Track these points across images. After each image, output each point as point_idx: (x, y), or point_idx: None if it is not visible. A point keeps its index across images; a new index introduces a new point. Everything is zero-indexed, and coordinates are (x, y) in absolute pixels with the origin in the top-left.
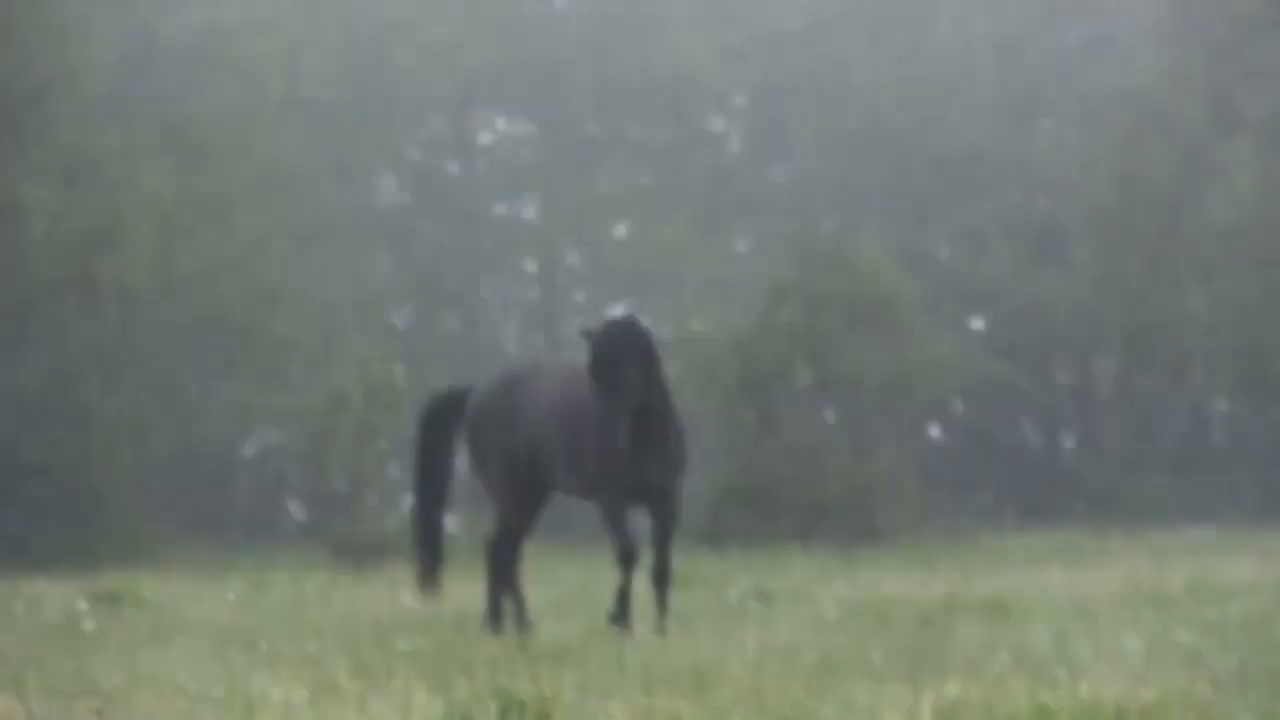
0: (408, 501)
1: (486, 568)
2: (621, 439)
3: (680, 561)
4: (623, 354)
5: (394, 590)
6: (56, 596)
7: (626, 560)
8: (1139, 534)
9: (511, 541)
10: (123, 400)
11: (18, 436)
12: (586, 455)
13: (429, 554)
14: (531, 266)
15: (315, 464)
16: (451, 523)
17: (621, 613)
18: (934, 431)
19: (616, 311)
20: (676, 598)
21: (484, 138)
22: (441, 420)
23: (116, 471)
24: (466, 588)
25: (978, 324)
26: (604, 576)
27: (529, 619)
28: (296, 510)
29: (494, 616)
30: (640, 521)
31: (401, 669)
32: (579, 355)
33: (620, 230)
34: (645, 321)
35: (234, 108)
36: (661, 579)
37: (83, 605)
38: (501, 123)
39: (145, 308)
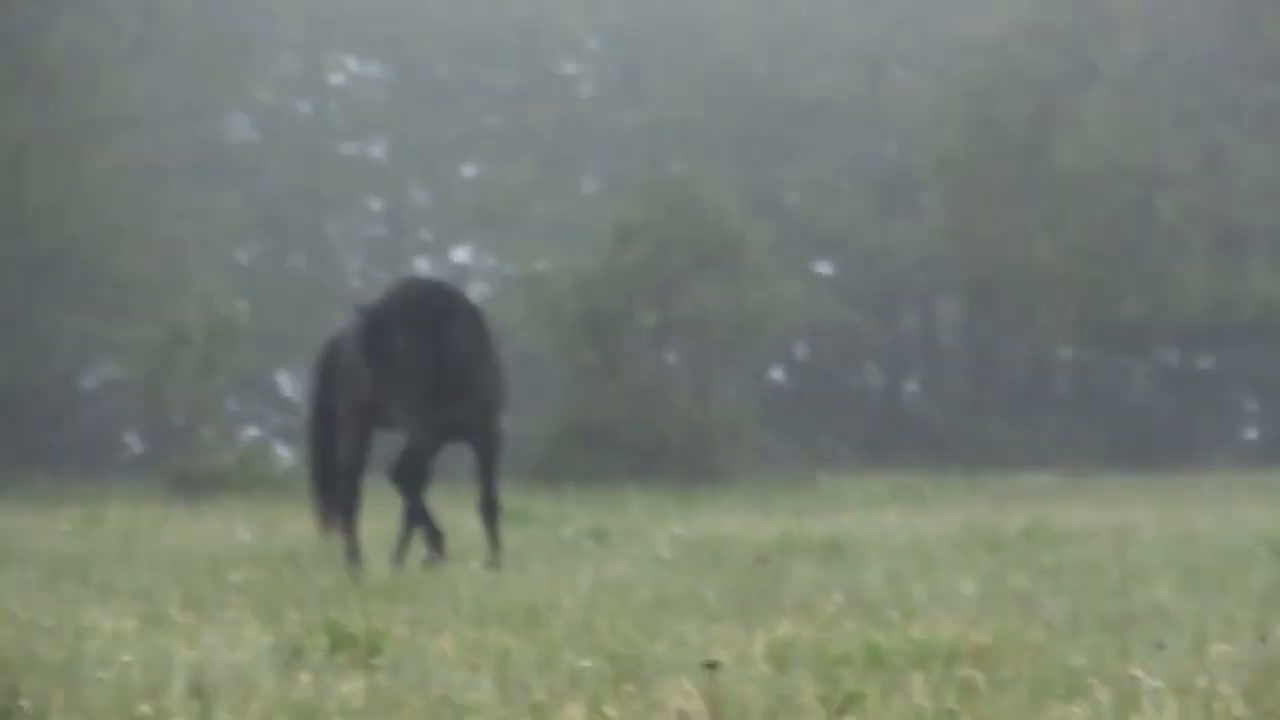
0: (245, 436)
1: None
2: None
3: (516, 499)
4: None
5: (228, 523)
6: None
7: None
8: (979, 478)
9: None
10: None
11: None
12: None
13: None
14: (378, 205)
15: (154, 397)
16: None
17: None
18: (777, 375)
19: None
20: (512, 535)
21: (335, 78)
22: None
23: None
24: (298, 523)
25: (825, 269)
26: (441, 513)
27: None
28: (134, 442)
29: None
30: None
31: (233, 601)
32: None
33: (468, 171)
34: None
35: (86, 46)
36: (489, 512)
37: None
38: (353, 63)
39: None
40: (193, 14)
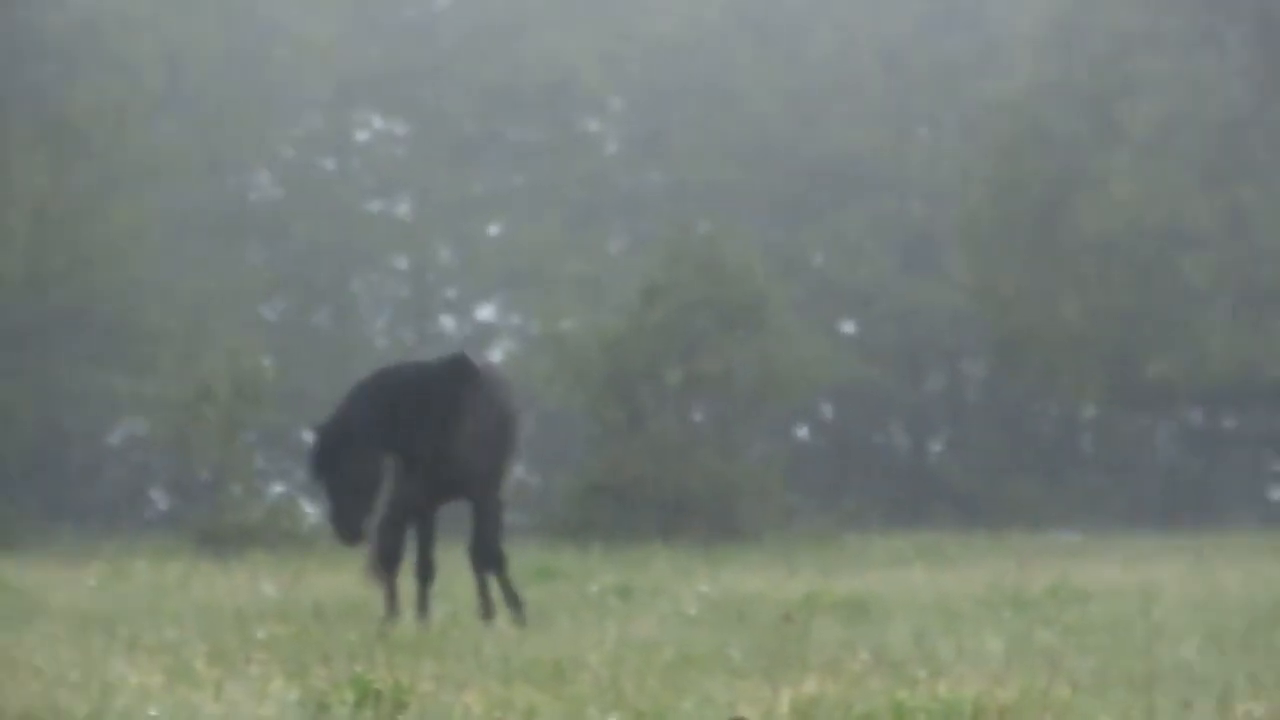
0: (272, 492)
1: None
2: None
3: (542, 555)
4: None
5: (255, 578)
6: None
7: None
8: (1004, 536)
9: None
10: None
11: None
12: None
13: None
14: (403, 263)
15: (180, 453)
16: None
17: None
18: (802, 433)
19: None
20: (537, 590)
21: (360, 135)
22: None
23: None
24: (325, 578)
25: (849, 328)
26: (461, 569)
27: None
28: (160, 498)
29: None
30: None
31: (259, 656)
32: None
33: (494, 229)
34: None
35: (110, 101)
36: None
37: None
38: (378, 121)
39: (16, 296)
40: (216, 69)
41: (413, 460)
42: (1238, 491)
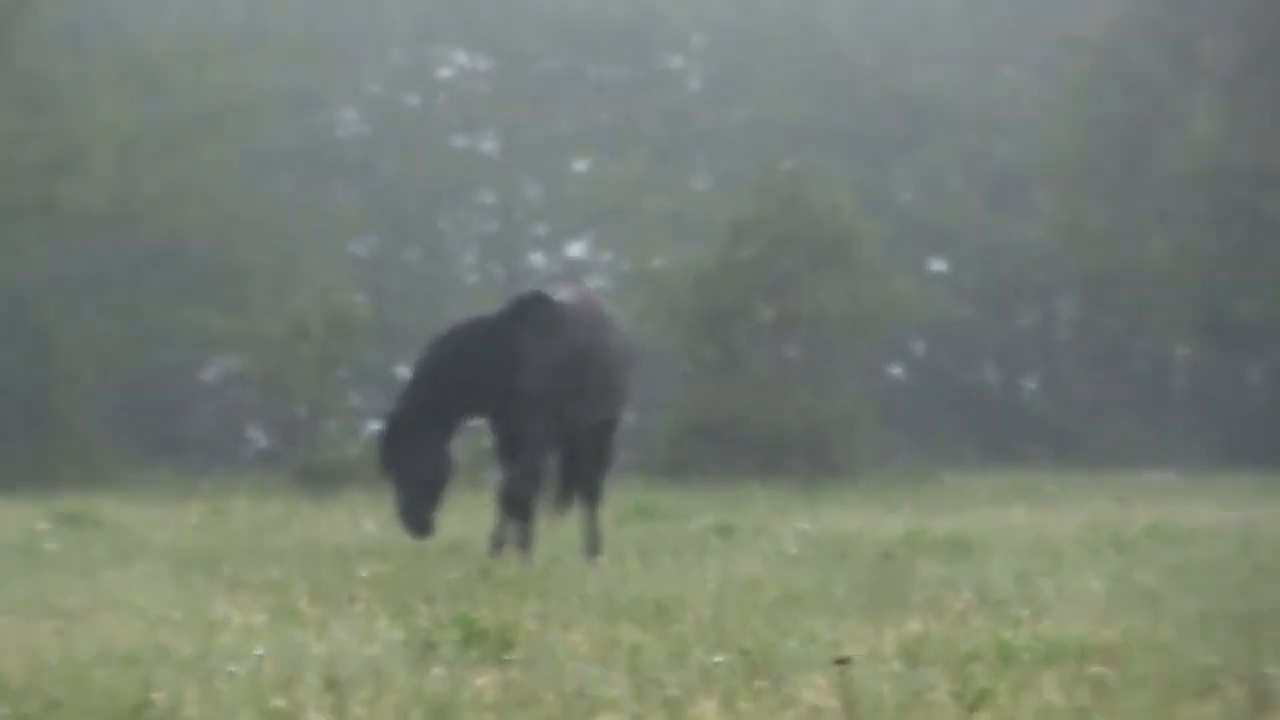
0: (369, 429)
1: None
2: None
3: (642, 494)
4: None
5: (354, 517)
6: (16, 517)
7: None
8: (1101, 476)
9: None
10: (83, 324)
11: None
12: None
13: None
14: (491, 199)
15: (276, 390)
16: None
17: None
18: (895, 371)
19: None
20: (639, 530)
21: (443, 72)
22: None
23: (76, 394)
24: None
25: (938, 265)
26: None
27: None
28: (258, 436)
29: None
30: None
31: (362, 595)
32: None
33: (579, 166)
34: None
35: (192, 36)
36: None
37: (43, 526)
38: (461, 57)
39: (106, 232)
40: (300, 5)
41: (497, 413)
42: None
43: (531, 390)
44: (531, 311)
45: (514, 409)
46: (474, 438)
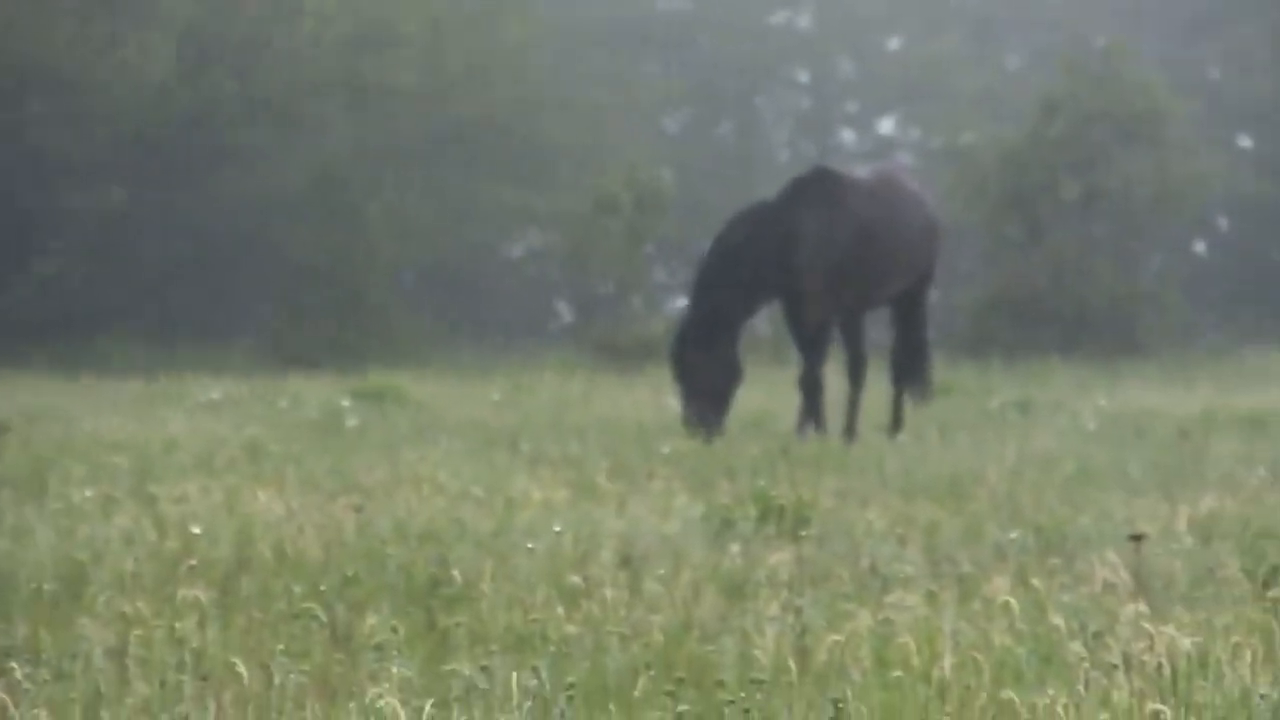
0: (673, 305)
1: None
2: None
3: (942, 371)
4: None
5: (657, 393)
6: (318, 393)
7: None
8: None
9: None
10: (388, 200)
11: (284, 235)
12: None
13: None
14: (804, 77)
15: (581, 266)
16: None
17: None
18: (1200, 248)
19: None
20: (937, 407)
21: None
22: None
23: (381, 271)
24: None
25: (1245, 142)
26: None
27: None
28: (564, 311)
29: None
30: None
31: (662, 472)
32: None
33: (893, 43)
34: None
35: None
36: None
37: (345, 403)
38: None
39: (412, 109)
40: None
41: (786, 294)
42: None
43: (812, 267)
44: (811, 189)
45: (797, 287)
46: (776, 312)
